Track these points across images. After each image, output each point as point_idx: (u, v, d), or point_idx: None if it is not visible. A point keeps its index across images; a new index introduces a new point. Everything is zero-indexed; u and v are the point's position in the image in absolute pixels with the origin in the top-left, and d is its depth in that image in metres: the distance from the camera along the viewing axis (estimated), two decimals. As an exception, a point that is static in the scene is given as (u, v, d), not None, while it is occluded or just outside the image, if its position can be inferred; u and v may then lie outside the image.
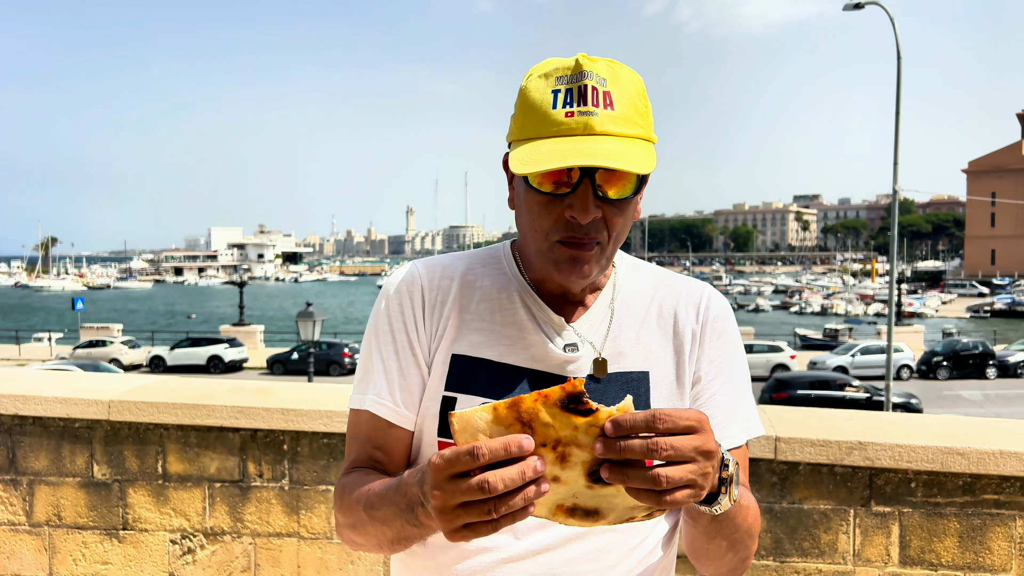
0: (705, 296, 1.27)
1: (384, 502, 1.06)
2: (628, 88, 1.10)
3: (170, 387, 3.14)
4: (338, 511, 1.20)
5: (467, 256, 1.29)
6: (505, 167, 1.20)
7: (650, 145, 1.11)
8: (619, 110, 1.08)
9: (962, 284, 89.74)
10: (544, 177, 1.09)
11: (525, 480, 0.85)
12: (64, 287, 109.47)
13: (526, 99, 1.12)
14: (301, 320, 18.56)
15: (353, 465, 1.23)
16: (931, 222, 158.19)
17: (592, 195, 1.08)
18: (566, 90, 1.08)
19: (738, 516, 1.09)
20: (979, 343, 31.90)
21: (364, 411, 1.22)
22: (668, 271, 1.32)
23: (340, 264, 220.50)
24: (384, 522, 1.06)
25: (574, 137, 1.07)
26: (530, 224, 1.14)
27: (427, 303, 1.22)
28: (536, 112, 1.10)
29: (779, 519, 2.67)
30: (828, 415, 2.89)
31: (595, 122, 1.07)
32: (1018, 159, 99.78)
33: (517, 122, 1.13)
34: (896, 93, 17.99)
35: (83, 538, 3.02)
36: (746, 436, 1.25)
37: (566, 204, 1.09)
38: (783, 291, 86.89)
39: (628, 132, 1.08)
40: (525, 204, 1.14)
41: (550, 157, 1.05)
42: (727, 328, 1.26)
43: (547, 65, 1.13)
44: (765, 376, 29.38)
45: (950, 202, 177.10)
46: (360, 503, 1.12)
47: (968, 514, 2.59)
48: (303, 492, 2.93)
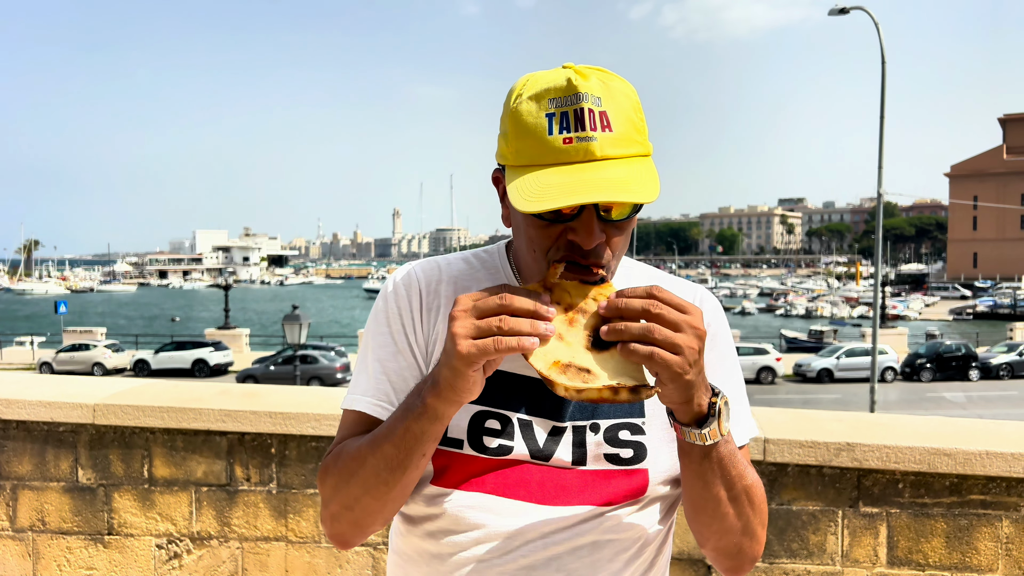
0: (698, 298, 1.27)
1: (383, 425, 1.11)
2: (623, 104, 1.07)
3: (156, 390, 3.11)
4: (321, 485, 1.19)
5: (462, 258, 1.29)
6: (495, 183, 1.18)
7: (650, 161, 1.09)
8: (617, 130, 1.05)
9: (945, 287, 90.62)
10: None
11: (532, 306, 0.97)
12: (47, 290, 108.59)
13: (519, 123, 1.07)
14: (287, 323, 18.49)
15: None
16: (914, 225, 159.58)
17: (596, 220, 1.06)
18: (561, 114, 1.04)
19: (735, 465, 1.10)
20: (962, 345, 32.19)
21: (358, 412, 1.21)
22: (662, 273, 1.32)
23: (326, 267, 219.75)
24: (385, 438, 1.09)
25: (575, 165, 1.04)
26: (528, 246, 1.12)
27: (424, 305, 1.22)
28: (532, 138, 1.06)
29: (768, 520, 2.67)
30: (816, 416, 2.90)
31: (595, 147, 1.03)
32: (1000, 163, 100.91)
33: (511, 146, 1.09)
34: (880, 97, 18.16)
35: (68, 543, 2.99)
36: (747, 436, 1.25)
37: (568, 227, 1.07)
38: (768, 294, 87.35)
39: (628, 152, 1.06)
40: (523, 227, 1.12)
41: (555, 193, 1.01)
42: (720, 330, 1.27)
43: (535, 84, 1.08)
44: (751, 378, 29.54)
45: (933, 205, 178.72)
46: (352, 446, 1.15)
47: (955, 514, 2.61)
48: (291, 496, 2.91)
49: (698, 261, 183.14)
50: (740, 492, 1.13)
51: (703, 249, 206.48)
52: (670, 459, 1.19)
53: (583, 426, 1.17)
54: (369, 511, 1.14)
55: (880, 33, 18.17)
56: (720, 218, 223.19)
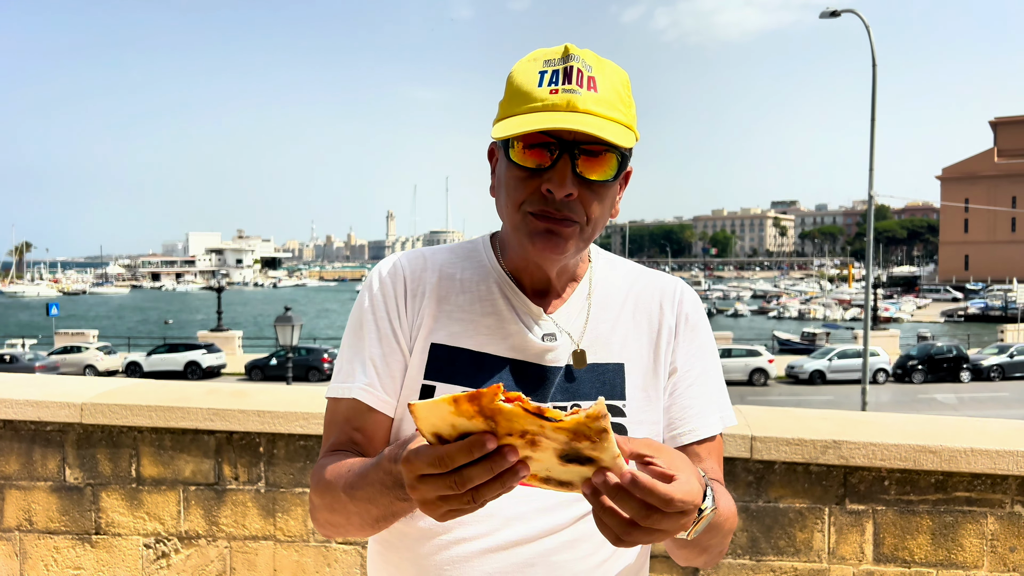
0: (679, 290, 1.30)
1: (365, 483, 1.07)
2: (613, 77, 1.13)
3: (144, 389, 3.10)
4: (315, 493, 1.19)
5: (447, 249, 1.31)
6: (490, 157, 1.23)
7: (630, 132, 1.13)
8: (603, 94, 1.11)
9: (936, 289, 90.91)
10: (525, 153, 1.11)
11: (494, 474, 0.85)
12: (39, 293, 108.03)
13: (512, 81, 1.15)
14: (280, 325, 18.44)
15: (332, 448, 1.23)
16: (906, 228, 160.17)
17: (571, 172, 1.10)
18: (552, 71, 1.11)
19: (711, 535, 1.09)
20: (953, 347, 32.32)
21: (345, 398, 1.23)
22: (643, 267, 1.34)
23: (320, 269, 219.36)
24: (369, 501, 1.07)
25: (557, 112, 1.09)
26: (507, 198, 1.16)
27: (409, 292, 1.24)
28: (521, 90, 1.12)
29: (755, 518, 2.69)
30: (803, 414, 2.91)
31: (578, 100, 1.09)
32: (991, 166, 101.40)
33: (503, 102, 1.16)
34: (872, 100, 18.23)
35: (55, 543, 2.98)
36: (722, 425, 1.27)
37: (544, 178, 1.11)
38: (761, 296, 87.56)
39: (610, 115, 1.11)
40: (504, 179, 1.16)
41: (530, 123, 1.07)
42: (700, 321, 1.30)
43: (536, 52, 1.16)
44: (744, 380, 29.59)
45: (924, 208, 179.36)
46: (339, 484, 1.13)
47: (940, 511, 2.62)
48: (279, 495, 2.90)
49: (691, 263, 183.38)
50: (719, 540, 1.14)
51: (696, 251, 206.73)
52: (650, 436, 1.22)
53: (563, 407, 1.19)
54: (357, 533, 1.17)
55: (871, 36, 18.25)
56: (713, 220, 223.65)
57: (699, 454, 1.24)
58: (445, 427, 0.86)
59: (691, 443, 1.24)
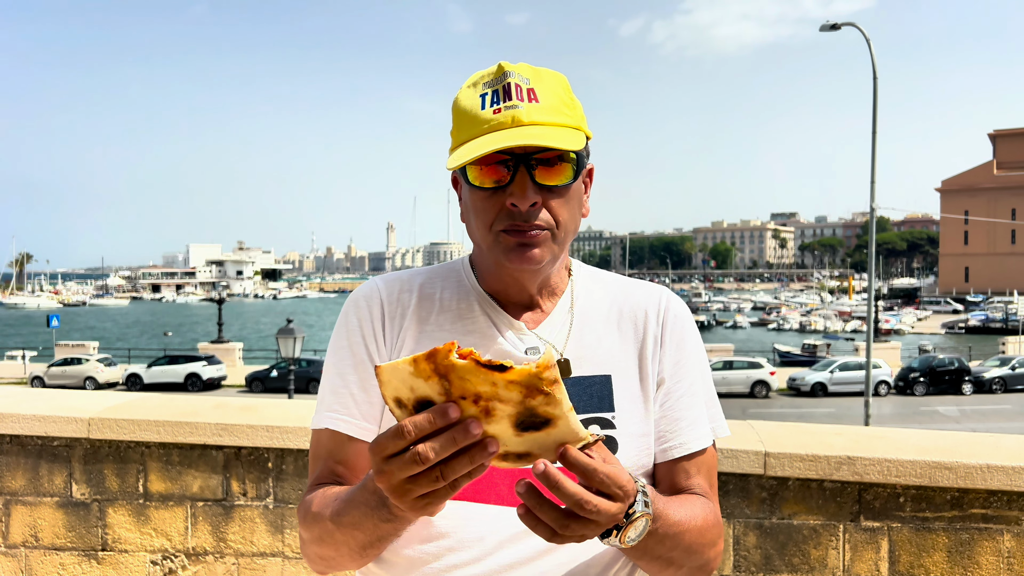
0: (664, 299, 1.28)
1: (351, 506, 1.07)
2: (551, 84, 1.16)
3: (152, 404, 3.08)
4: (303, 527, 1.19)
5: (425, 270, 1.31)
6: (455, 185, 1.24)
7: (579, 133, 1.15)
8: (544, 102, 1.13)
9: (937, 301, 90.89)
10: (483, 174, 1.13)
11: (458, 445, 0.85)
12: (39, 304, 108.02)
13: (457, 108, 1.17)
14: (282, 337, 18.41)
15: (316, 482, 1.23)
16: (906, 240, 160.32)
17: (530, 182, 1.12)
18: (492, 91, 1.13)
19: (668, 546, 1.07)
20: (955, 359, 32.28)
21: (324, 429, 1.23)
22: (627, 277, 1.33)
23: (320, 281, 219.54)
24: (354, 526, 1.06)
25: (503, 130, 1.11)
26: (476, 221, 1.17)
27: (386, 315, 1.24)
28: (467, 117, 1.14)
29: (768, 534, 2.66)
30: (817, 430, 2.89)
31: (522, 114, 1.11)
32: (990, 178, 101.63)
33: (452, 132, 1.18)
34: (872, 113, 18.29)
35: (61, 560, 2.95)
36: (712, 437, 1.25)
37: (507, 193, 1.12)
38: (761, 308, 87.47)
39: (555, 121, 1.13)
40: (471, 204, 1.17)
41: (480, 147, 1.09)
42: (687, 330, 1.28)
43: (474, 76, 1.18)
44: (746, 392, 29.55)
45: (924, 220, 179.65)
46: (325, 513, 1.12)
47: (956, 528, 2.60)
48: (288, 511, 2.88)
49: (692, 275, 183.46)
50: (680, 554, 1.11)
51: (696, 263, 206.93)
52: (640, 452, 1.20)
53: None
54: (348, 564, 1.16)
55: (871, 49, 18.32)
56: (713, 232, 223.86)
57: (688, 471, 1.22)
58: (404, 389, 0.87)
59: (680, 458, 1.22)
